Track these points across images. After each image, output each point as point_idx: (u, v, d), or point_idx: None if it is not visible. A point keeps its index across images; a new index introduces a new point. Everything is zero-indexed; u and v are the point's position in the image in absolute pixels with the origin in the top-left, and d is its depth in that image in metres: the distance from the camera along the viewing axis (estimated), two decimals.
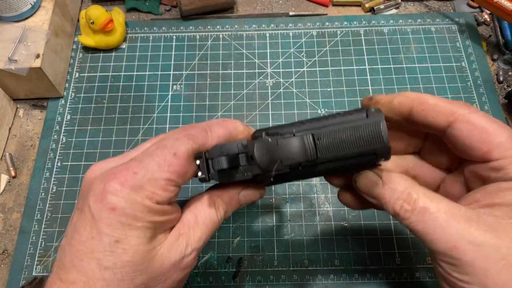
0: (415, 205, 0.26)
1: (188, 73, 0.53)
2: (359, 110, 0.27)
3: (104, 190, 0.24)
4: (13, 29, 0.48)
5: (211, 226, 0.28)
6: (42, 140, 0.49)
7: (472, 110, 0.26)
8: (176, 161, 0.25)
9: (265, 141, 0.26)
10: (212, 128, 0.28)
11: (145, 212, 0.25)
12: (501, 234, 0.24)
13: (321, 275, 0.42)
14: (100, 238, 0.24)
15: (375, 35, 0.55)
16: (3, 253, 0.44)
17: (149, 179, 0.25)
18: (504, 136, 0.25)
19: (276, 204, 0.45)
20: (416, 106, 0.27)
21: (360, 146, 0.25)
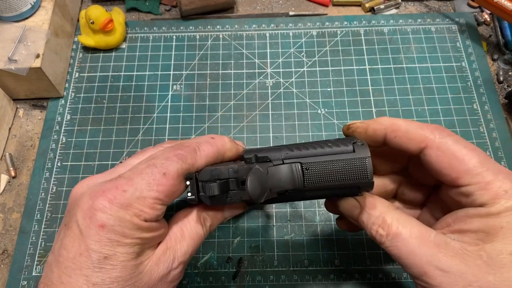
0: (389, 230, 0.27)
1: (188, 73, 0.53)
2: (346, 142, 0.28)
3: (93, 207, 0.25)
4: (13, 29, 0.48)
5: (197, 240, 0.29)
6: (42, 140, 0.49)
7: (443, 135, 0.27)
8: (166, 181, 0.26)
9: (257, 173, 0.27)
10: (201, 147, 0.29)
11: (133, 229, 0.25)
12: (467, 260, 0.24)
13: (321, 275, 0.41)
14: (88, 255, 0.24)
15: (375, 35, 0.55)
16: (3, 253, 0.44)
17: (138, 198, 0.25)
18: (473, 161, 0.25)
19: (276, 204, 0.45)
20: (388, 133, 0.28)
21: (345, 180, 0.27)
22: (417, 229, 0.26)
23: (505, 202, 0.24)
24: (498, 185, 0.24)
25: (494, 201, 0.24)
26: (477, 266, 0.24)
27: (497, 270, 0.23)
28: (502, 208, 0.24)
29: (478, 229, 0.25)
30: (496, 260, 0.23)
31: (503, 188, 0.24)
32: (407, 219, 0.27)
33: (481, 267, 0.24)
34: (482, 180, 0.25)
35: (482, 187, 0.25)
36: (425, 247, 0.25)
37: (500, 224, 0.24)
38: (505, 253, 0.23)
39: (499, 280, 0.23)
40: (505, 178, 0.25)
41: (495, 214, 0.24)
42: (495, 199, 0.24)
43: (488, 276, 0.23)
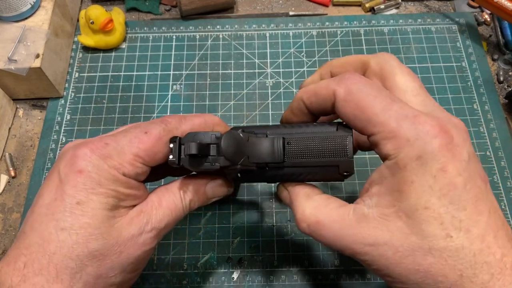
0: (309, 220, 0.26)
1: (188, 73, 0.53)
2: (332, 123, 0.28)
3: (75, 154, 0.26)
4: (13, 29, 0.48)
5: (175, 211, 0.29)
6: (42, 140, 0.49)
7: (348, 84, 0.25)
8: (147, 139, 0.27)
9: (235, 134, 0.27)
10: (187, 116, 0.30)
11: (110, 180, 0.26)
12: (389, 226, 0.23)
13: (321, 275, 0.41)
14: (62, 199, 0.25)
15: (375, 35, 0.55)
16: (3, 253, 0.44)
17: (119, 152, 0.26)
18: (375, 109, 0.24)
19: (275, 204, 0.45)
20: (305, 102, 0.28)
21: (324, 156, 0.27)
22: (336, 211, 0.26)
23: (408, 151, 0.22)
24: (401, 133, 0.23)
25: (398, 151, 0.23)
26: (398, 229, 0.23)
27: (417, 228, 0.22)
28: (407, 159, 0.22)
29: (392, 188, 0.23)
30: (414, 217, 0.22)
31: (405, 136, 0.22)
32: (326, 203, 0.27)
33: (402, 228, 0.23)
34: (384, 128, 0.23)
35: (385, 136, 0.23)
36: (346, 228, 0.25)
37: (409, 178, 0.22)
38: (420, 208, 0.22)
39: (421, 237, 0.22)
40: (409, 124, 0.23)
41: (402, 167, 0.23)
42: (398, 149, 0.23)
43: (411, 236, 0.22)
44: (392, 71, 0.27)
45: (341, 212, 0.25)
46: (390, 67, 0.27)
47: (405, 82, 0.26)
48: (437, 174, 0.22)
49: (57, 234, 0.24)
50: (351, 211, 0.25)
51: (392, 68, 0.27)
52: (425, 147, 0.22)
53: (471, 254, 0.22)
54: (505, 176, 0.46)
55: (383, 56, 0.28)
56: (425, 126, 0.23)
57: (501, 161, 0.47)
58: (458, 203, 0.22)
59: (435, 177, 0.22)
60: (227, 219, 0.44)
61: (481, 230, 0.22)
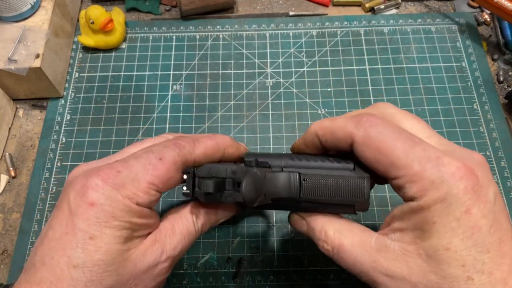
0: (332, 243, 0.26)
1: (188, 73, 0.53)
2: (348, 160, 0.28)
3: (85, 185, 0.24)
4: (13, 29, 0.48)
5: (188, 237, 0.28)
6: (42, 140, 0.49)
7: (366, 128, 0.25)
8: (161, 166, 0.26)
9: (254, 175, 0.27)
10: (200, 139, 0.28)
11: (124, 211, 0.24)
12: (409, 262, 0.23)
13: (321, 275, 0.41)
14: (74, 234, 0.23)
15: (375, 35, 0.55)
16: (3, 253, 0.44)
17: (132, 179, 0.25)
18: (397, 153, 0.23)
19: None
20: (320, 139, 0.28)
21: (341, 196, 0.27)
22: (358, 237, 0.26)
23: (433, 194, 0.22)
24: (425, 176, 0.23)
25: (423, 194, 0.23)
26: (418, 267, 0.23)
27: (437, 268, 0.22)
28: (431, 201, 0.22)
29: (414, 226, 0.23)
30: (434, 257, 0.22)
31: (430, 179, 0.22)
32: (349, 227, 0.27)
33: (422, 266, 0.23)
34: (408, 171, 0.23)
35: (409, 179, 0.23)
36: (367, 254, 0.25)
37: (432, 219, 0.22)
38: (441, 249, 0.22)
39: (441, 277, 0.22)
40: (433, 167, 0.23)
41: (426, 208, 0.23)
42: (423, 191, 0.23)
43: (430, 275, 0.22)
44: (396, 118, 0.27)
45: (364, 237, 0.26)
46: (392, 115, 0.27)
47: (413, 126, 0.26)
48: (461, 216, 0.22)
49: (70, 272, 0.23)
50: (373, 239, 0.25)
51: (394, 115, 0.27)
52: (450, 190, 0.22)
53: None
54: (505, 176, 0.46)
55: (380, 106, 0.28)
56: (449, 168, 0.22)
57: (501, 161, 0.47)
58: (481, 246, 0.22)
59: (458, 220, 0.22)
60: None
61: (504, 273, 0.22)
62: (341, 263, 0.26)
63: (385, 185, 0.46)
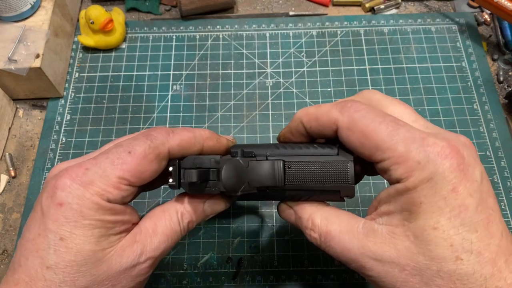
0: (320, 231, 0.26)
1: (188, 73, 0.53)
2: (332, 145, 0.28)
3: (55, 185, 0.24)
4: (13, 29, 0.48)
5: (172, 236, 0.28)
6: (41, 140, 0.49)
7: (350, 112, 0.25)
8: (131, 159, 0.25)
9: (235, 163, 0.27)
10: (175, 130, 0.28)
11: (93, 209, 0.24)
12: (397, 244, 0.23)
13: (321, 275, 0.41)
14: (45, 235, 0.23)
15: (375, 35, 0.55)
16: (3, 253, 0.44)
17: (101, 176, 0.24)
18: (381, 136, 0.23)
19: (275, 204, 0.45)
20: (305, 125, 0.28)
21: (326, 182, 0.27)
22: (346, 223, 0.25)
23: (419, 174, 0.22)
24: (410, 157, 0.22)
25: (409, 175, 0.22)
26: (406, 248, 0.23)
27: (425, 248, 0.22)
28: (417, 181, 0.22)
29: (401, 208, 0.23)
30: (422, 238, 0.22)
31: (416, 159, 0.22)
32: (336, 214, 0.26)
33: (410, 248, 0.23)
34: (393, 153, 0.23)
35: (395, 161, 0.23)
36: (355, 240, 0.24)
37: (419, 200, 0.22)
38: (429, 228, 0.22)
39: (429, 258, 0.22)
40: (418, 147, 0.22)
41: (412, 189, 0.22)
42: (409, 172, 0.22)
43: (418, 256, 0.22)
44: (382, 104, 0.27)
45: (351, 223, 0.25)
46: (378, 101, 0.27)
47: (399, 111, 0.26)
48: (447, 195, 0.22)
49: (43, 273, 0.23)
50: (360, 224, 0.25)
51: (379, 101, 0.27)
52: (436, 169, 0.22)
53: (482, 278, 0.21)
54: (505, 176, 0.46)
55: (367, 93, 0.28)
56: (434, 148, 0.22)
57: (501, 161, 0.47)
58: (469, 225, 0.22)
59: (445, 199, 0.22)
60: (227, 219, 0.44)
61: (492, 253, 0.21)
62: (329, 250, 0.26)
63: None
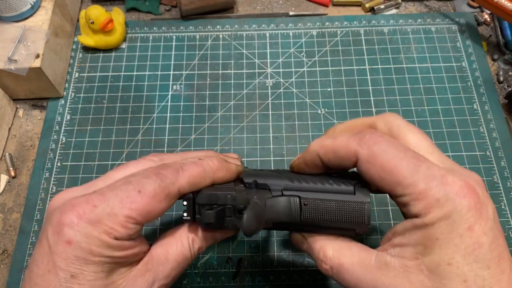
0: (331, 262, 0.27)
1: (188, 73, 0.53)
2: (348, 182, 0.28)
3: (61, 221, 0.24)
4: (13, 29, 0.48)
5: (183, 263, 0.28)
6: (41, 140, 0.49)
7: (369, 145, 0.25)
8: (140, 199, 0.25)
9: (255, 207, 0.27)
10: (184, 167, 0.27)
11: (102, 247, 0.24)
12: (410, 277, 0.23)
13: (321, 275, 0.41)
14: (55, 272, 0.23)
15: (375, 35, 0.55)
16: (3, 253, 0.44)
17: (109, 214, 0.24)
18: (402, 172, 0.24)
19: None
20: (322, 158, 0.27)
21: (341, 221, 0.27)
22: (358, 256, 0.26)
23: (437, 211, 0.23)
24: (430, 194, 0.23)
25: (427, 211, 0.23)
26: (420, 282, 0.23)
27: (439, 283, 0.23)
28: (435, 218, 0.23)
29: (416, 242, 0.24)
30: (436, 272, 0.23)
31: (435, 197, 0.23)
32: (348, 246, 0.27)
33: (423, 282, 0.23)
34: (414, 190, 0.23)
35: (415, 197, 0.23)
36: (368, 273, 0.25)
37: (435, 236, 0.23)
38: (443, 264, 0.23)
39: None
40: (438, 185, 0.23)
41: (430, 225, 0.23)
42: (428, 209, 0.23)
43: None
44: (402, 131, 0.27)
45: (363, 256, 0.26)
46: (398, 127, 0.27)
47: (418, 141, 0.26)
48: (463, 233, 0.23)
49: None
50: (373, 257, 0.25)
51: (400, 128, 0.27)
52: (454, 207, 0.23)
53: None
54: (505, 176, 0.46)
55: (389, 116, 0.28)
56: (453, 187, 0.23)
57: (501, 161, 0.47)
58: (482, 262, 0.22)
59: (461, 236, 0.23)
60: None
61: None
62: (341, 282, 0.26)
63: None
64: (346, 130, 0.30)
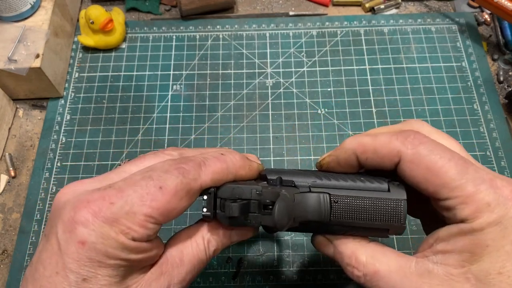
0: (365, 270, 0.25)
1: (188, 73, 0.53)
2: (381, 180, 0.26)
3: (74, 219, 0.22)
4: (13, 29, 0.48)
5: (198, 266, 0.26)
6: (41, 140, 0.49)
7: (415, 145, 0.24)
8: (161, 197, 0.23)
9: (286, 200, 0.25)
10: (207, 162, 0.25)
11: (118, 249, 0.22)
12: (456, 286, 0.22)
13: (321, 275, 0.41)
14: (65, 275, 0.21)
15: (375, 35, 0.55)
16: (3, 253, 0.43)
17: (127, 213, 0.22)
18: (450, 174, 0.23)
19: None
20: (359, 157, 0.26)
21: (375, 220, 0.25)
22: (395, 262, 0.24)
23: (488, 216, 0.22)
24: (480, 198, 0.22)
25: (476, 216, 0.22)
26: None
27: None
28: (485, 224, 0.22)
29: (462, 249, 0.22)
30: (485, 281, 0.21)
31: (485, 201, 0.22)
32: (382, 252, 0.25)
33: None
34: (462, 193, 0.22)
35: (462, 200, 0.22)
36: (407, 281, 0.23)
37: (485, 242, 0.22)
38: (493, 273, 0.21)
39: None
40: (488, 188, 0.22)
41: (479, 230, 0.22)
42: (477, 213, 0.22)
43: None
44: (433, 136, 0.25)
45: (402, 262, 0.24)
46: (429, 133, 0.26)
47: (450, 146, 0.25)
48: None
49: None
50: (413, 264, 0.24)
51: (431, 134, 0.26)
52: (506, 212, 0.22)
53: None
54: (506, 176, 0.46)
55: (416, 123, 0.27)
56: (503, 191, 0.22)
57: (501, 161, 0.47)
58: None
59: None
60: None
61: None
62: None
63: None
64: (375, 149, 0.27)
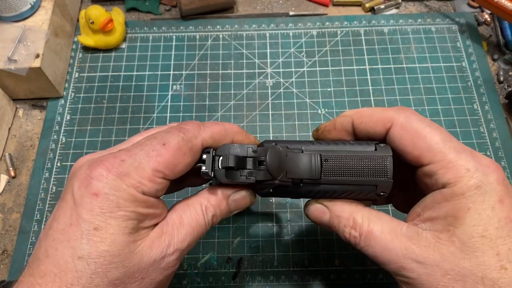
0: (361, 230, 0.26)
1: (188, 73, 0.53)
2: (368, 142, 0.28)
3: (89, 175, 0.24)
4: (13, 29, 0.48)
5: (197, 229, 0.27)
6: (41, 140, 0.49)
7: (407, 114, 0.26)
8: (165, 152, 0.25)
9: (277, 149, 0.27)
10: (206, 124, 0.28)
11: (129, 200, 0.24)
12: (441, 249, 0.24)
13: (321, 275, 0.41)
14: (78, 224, 0.23)
15: (375, 35, 0.55)
16: (3, 253, 0.43)
17: (136, 168, 0.24)
18: (435, 139, 0.25)
19: (276, 204, 0.45)
20: (355, 121, 0.29)
21: (364, 175, 0.27)
22: (388, 224, 0.26)
23: (468, 180, 0.23)
24: (460, 163, 0.24)
25: (457, 180, 0.24)
26: (451, 254, 0.23)
27: (471, 255, 0.23)
28: (465, 187, 0.23)
29: (446, 214, 0.24)
30: (469, 244, 0.23)
31: (465, 166, 0.24)
32: (377, 215, 0.27)
33: (455, 254, 0.23)
34: (444, 158, 0.24)
35: (444, 165, 0.24)
36: (398, 241, 0.25)
37: (466, 205, 0.23)
38: (476, 236, 0.23)
39: (475, 265, 0.23)
40: (468, 156, 0.24)
41: (460, 194, 0.23)
42: (458, 178, 0.24)
43: (464, 262, 0.23)
44: None
45: (394, 225, 0.26)
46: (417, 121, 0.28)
47: (437, 128, 0.27)
48: (495, 205, 0.23)
49: (74, 264, 0.22)
50: (404, 227, 0.26)
51: None
52: (485, 178, 0.23)
53: None
54: (505, 175, 0.46)
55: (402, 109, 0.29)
56: (482, 160, 0.24)
57: (501, 161, 0.47)
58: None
59: (493, 208, 0.23)
60: (227, 219, 0.44)
61: None
62: (367, 250, 0.26)
63: None
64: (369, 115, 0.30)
